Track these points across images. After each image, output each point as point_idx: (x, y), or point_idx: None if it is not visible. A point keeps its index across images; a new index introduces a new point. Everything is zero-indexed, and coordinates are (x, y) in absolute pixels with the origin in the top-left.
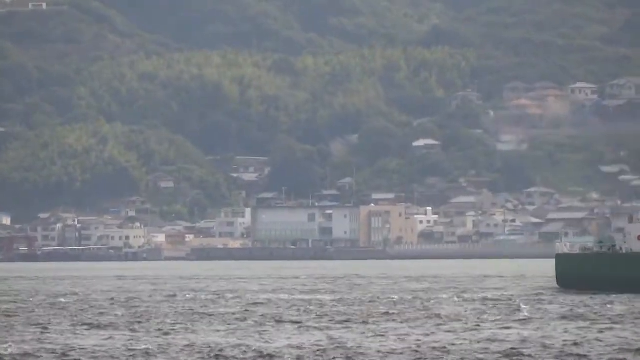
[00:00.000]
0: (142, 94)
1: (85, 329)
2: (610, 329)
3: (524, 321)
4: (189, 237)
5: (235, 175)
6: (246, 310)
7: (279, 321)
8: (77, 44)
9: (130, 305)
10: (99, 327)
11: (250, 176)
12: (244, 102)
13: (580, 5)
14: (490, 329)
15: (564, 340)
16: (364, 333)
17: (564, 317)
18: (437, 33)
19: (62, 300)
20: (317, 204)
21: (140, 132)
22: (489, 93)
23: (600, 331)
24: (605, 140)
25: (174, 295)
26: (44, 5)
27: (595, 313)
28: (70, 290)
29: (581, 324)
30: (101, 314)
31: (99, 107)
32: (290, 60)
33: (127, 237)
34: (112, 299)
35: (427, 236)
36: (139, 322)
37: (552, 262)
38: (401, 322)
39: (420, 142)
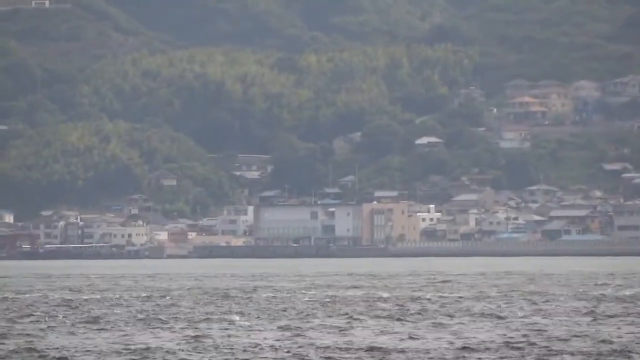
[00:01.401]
0: (145, 91)
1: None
2: None
3: None
4: (192, 235)
5: (237, 173)
6: None
7: None
8: (80, 42)
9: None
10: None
11: (252, 174)
12: (247, 100)
13: (583, 2)
14: None
15: None
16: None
17: None
18: (440, 30)
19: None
20: (319, 202)
21: (143, 130)
22: (491, 90)
23: None
24: (608, 137)
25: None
26: (47, 3)
27: None
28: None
29: None
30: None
31: (101, 104)
32: (293, 58)
33: (130, 235)
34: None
35: (429, 234)
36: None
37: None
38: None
39: (423, 140)
